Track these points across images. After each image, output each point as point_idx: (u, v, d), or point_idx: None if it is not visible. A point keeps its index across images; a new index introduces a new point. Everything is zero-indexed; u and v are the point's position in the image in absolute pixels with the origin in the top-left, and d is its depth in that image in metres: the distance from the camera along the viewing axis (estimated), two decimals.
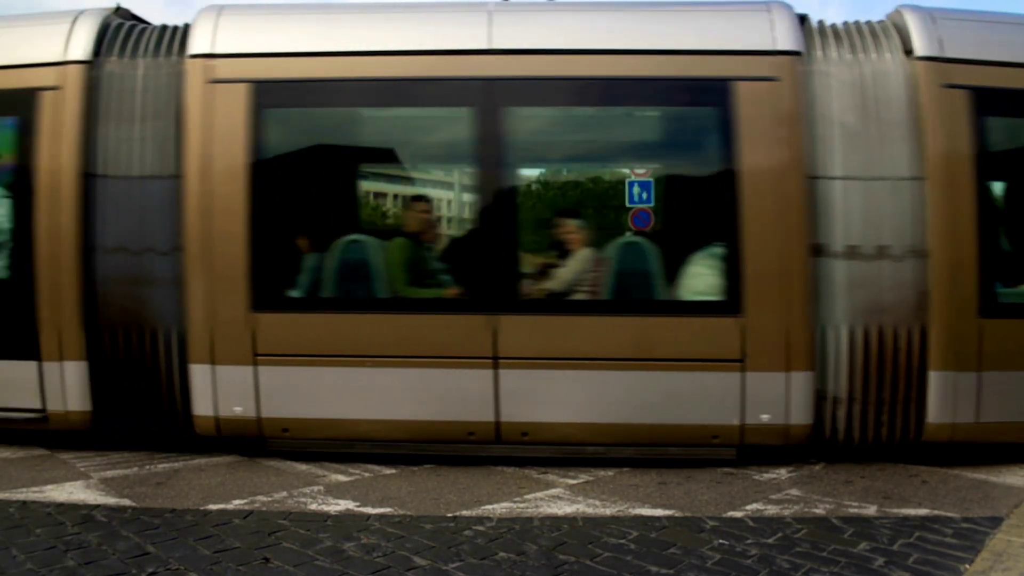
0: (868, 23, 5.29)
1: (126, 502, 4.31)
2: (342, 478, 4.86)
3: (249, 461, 5.21)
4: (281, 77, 5.12)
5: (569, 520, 4.07)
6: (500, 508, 4.28)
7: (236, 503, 4.31)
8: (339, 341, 5.07)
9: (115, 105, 5.20)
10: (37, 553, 3.51)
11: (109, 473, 4.90)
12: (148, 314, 5.18)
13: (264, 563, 3.44)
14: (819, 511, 4.23)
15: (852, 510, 4.25)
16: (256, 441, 5.21)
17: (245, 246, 5.04)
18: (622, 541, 3.75)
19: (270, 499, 4.39)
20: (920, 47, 4.94)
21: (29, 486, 4.58)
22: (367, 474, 4.96)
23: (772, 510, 4.25)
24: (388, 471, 5.02)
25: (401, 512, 4.20)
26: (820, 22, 5.30)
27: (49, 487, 4.57)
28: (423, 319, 5.12)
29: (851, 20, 5.38)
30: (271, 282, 5.15)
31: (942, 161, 4.82)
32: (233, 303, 5.04)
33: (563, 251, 5.45)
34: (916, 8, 5.12)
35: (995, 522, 4.00)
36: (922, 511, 4.22)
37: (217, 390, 5.09)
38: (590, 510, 4.25)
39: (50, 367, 5.18)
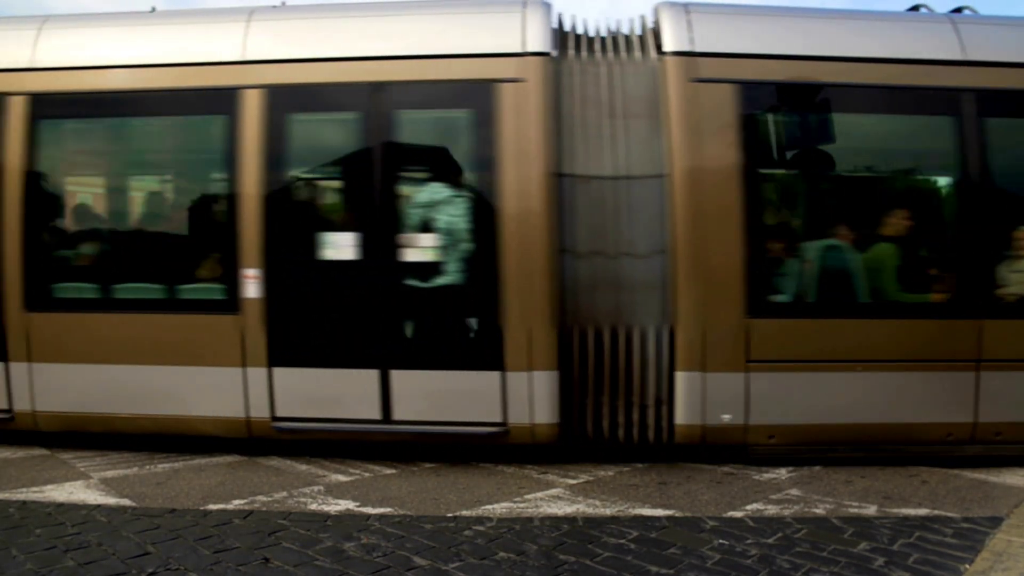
0: None
1: (126, 502, 4.31)
2: (342, 478, 4.86)
3: (249, 461, 5.21)
4: (767, 78, 5.08)
5: (569, 520, 4.07)
6: (500, 508, 4.28)
7: (236, 503, 4.31)
8: (825, 346, 5.06)
9: (579, 101, 5.05)
10: (37, 553, 3.51)
11: (109, 473, 4.90)
12: (623, 321, 5.05)
13: (264, 563, 3.44)
14: (819, 511, 4.23)
15: (852, 510, 4.25)
16: (737, 449, 5.14)
17: (740, 250, 4.95)
18: (622, 541, 3.75)
19: (270, 499, 4.39)
20: None
21: (29, 486, 4.58)
22: (367, 474, 4.96)
23: (772, 510, 4.25)
24: (388, 471, 5.02)
25: (401, 512, 4.20)
26: None
27: (49, 487, 4.57)
28: (908, 323, 5.14)
29: None
30: (763, 287, 5.10)
31: None
32: (726, 309, 4.96)
33: (1013, 257, 5.42)
34: None
35: (995, 522, 4.01)
36: (922, 511, 4.23)
37: (706, 398, 5.00)
38: (590, 510, 4.25)
39: (515, 377, 4.97)
